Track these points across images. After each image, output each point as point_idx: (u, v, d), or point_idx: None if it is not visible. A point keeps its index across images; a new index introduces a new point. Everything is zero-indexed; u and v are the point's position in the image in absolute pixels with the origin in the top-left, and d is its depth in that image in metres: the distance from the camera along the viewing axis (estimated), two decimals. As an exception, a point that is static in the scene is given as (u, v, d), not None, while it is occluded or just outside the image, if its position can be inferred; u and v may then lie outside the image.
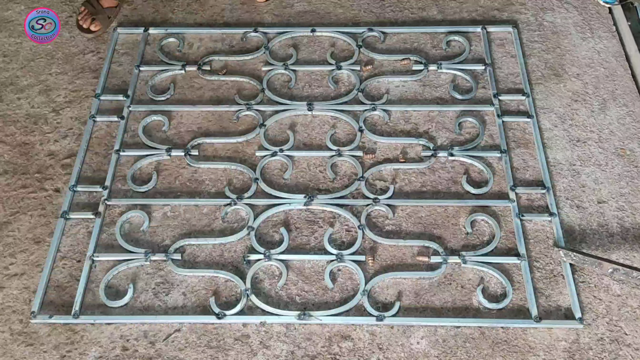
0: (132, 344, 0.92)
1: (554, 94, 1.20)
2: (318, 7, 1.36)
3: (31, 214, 1.06)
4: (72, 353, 0.92)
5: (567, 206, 1.05)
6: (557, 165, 1.10)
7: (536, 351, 0.90)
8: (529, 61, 1.25)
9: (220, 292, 0.97)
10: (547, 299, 0.95)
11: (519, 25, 1.31)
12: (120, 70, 1.25)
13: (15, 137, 1.16)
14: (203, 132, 1.15)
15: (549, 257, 1.00)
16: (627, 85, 1.21)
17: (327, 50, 1.27)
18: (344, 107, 1.17)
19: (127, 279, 0.99)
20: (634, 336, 0.92)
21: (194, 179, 1.10)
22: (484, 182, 1.08)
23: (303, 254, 1.00)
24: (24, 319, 0.95)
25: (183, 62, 1.25)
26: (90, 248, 1.01)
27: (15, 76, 1.25)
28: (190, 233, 1.03)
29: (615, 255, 0.99)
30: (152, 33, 1.31)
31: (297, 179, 1.09)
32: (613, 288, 0.96)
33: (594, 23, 1.32)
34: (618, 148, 1.12)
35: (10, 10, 1.38)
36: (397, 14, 1.34)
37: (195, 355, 0.91)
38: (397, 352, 0.91)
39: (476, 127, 1.15)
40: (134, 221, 1.05)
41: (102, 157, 1.13)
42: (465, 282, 0.97)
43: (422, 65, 1.23)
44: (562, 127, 1.15)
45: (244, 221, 1.04)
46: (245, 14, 1.35)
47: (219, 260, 1.00)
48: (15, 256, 1.02)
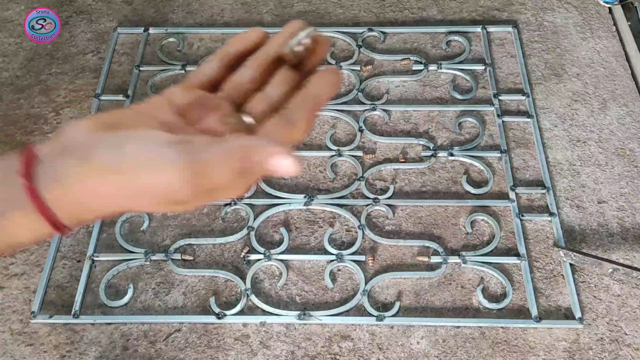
0: (132, 343, 0.92)
1: (554, 94, 1.20)
2: (318, 7, 1.36)
3: (31, 214, 1.06)
4: (72, 353, 0.92)
5: (567, 206, 1.05)
6: (557, 165, 1.10)
7: (536, 351, 0.90)
8: (529, 61, 1.25)
9: (220, 292, 0.97)
10: (547, 299, 0.95)
11: (519, 25, 1.31)
12: (120, 70, 1.25)
13: (15, 137, 1.16)
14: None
15: (549, 257, 1.00)
16: (627, 85, 1.21)
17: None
18: (344, 107, 1.17)
19: (127, 279, 0.99)
20: (634, 336, 0.92)
21: (194, 179, 1.10)
22: (484, 182, 1.08)
23: (303, 254, 1.00)
24: (24, 319, 0.95)
25: (183, 62, 1.25)
26: (90, 248, 1.01)
27: (15, 76, 1.25)
28: (190, 233, 1.03)
29: (615, 255, 0.99)
30: (152, 33, 1.31)
31: (297, 178, 1.09)
32: (613, 288, 0.96)
33: (594, 23, 1.32)
34: (618, 148, 1.12)
35: (10, 10, 1.38)
36: (397, 14, 1.34)
37: (195, 355, 0.91)
38: (397, 352, 0.91)
39: (476, 127, 1.15)
40: (134, 221, 1.05)
41: (102, 157, 1.13)
42: (465, 282, 0.97)
43: (422, 65, 1.23)
44: (562, 127, 1.15)
45: (244, 221, 1.04)
46: (245, 14, 1.35)
47: (219, 260, 1.00)
48: (15, 256, 1.02)
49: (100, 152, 0.31)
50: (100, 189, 0.31)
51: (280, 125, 0.34)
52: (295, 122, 0.34)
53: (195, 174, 0.31)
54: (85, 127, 0.33)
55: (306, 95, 0.35)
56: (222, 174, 0.31)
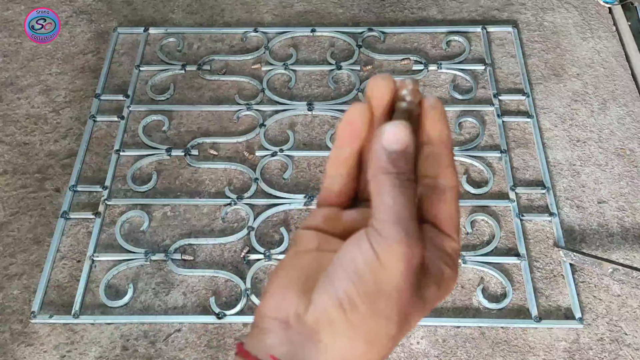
0: (132, 343, 0.92)
1: (554, 94, 1.20)
2: (318, 7, 1.36)
3: (31, 214, 1.06)
4: (72, 353, 0.92)
5: (567, 206, 1.05)
6: (557, 165, 1.10)
7: (536, 351, 0.90)
8: (529, 61, 1.25)
9: (220, 292, 0.97)
10: (547, 299, 0.95)
11: (519, 25, 1.31)
12: (120, 70, 1.25)
13: (15, 137, 1.16)
14: (203, 132, 1.15)
15: (549, 257, 1.00)
16: (627, 85, 1.21)
17: (327, 50, 1.27)
18: (344, 107, 1.17)
19: (127, 279, 0.99)
20: (634, 336, 0.92)
21: (194, 179, 1.10)
22: (484, 182, 1.08)
23: (303, 254, 1.00)
24: (24, 319, 0.95)
25: (183, 62, 1.25)
26: (90, 248, 1.01)
27: (15, 76, 1.25)
28: (190, 233, 1.03)
29: (615, 255, 0.99)
30: (152, 33, 1.31)
31: (297, 178, 1.09)
32: (613, 288, 0.96)
33: (594, 23, 1.32)
34: (618, 148, 1.12)
35: (10, 10, 1.38)
36: (397, 14, 1.34)
37: (195, 355, 0.91)
38: (397, 352, 0.91)
39: (476, 127, 1.15)
40: (134, 221, 1.05)
41: (102, 157, 1.13)
42: (465, 282, 0.97)
43: (422, 65, 1.23)
44: (562, 127, 1.15)
45: (244, 221, 1.04)
46: (245, 14, 1.35)
47: (219, 260, 1.00)
48: (15, 256, 1.02)
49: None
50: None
51: (434, 199, 0.31)
52: (441, 185, 0.30)
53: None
54: (295, 316, 0.29)
55: (436, 155, 0.31)
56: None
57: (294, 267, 0.31)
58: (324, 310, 0.28)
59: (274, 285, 0.30)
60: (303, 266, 0.31)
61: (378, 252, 0.27)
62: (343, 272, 0.28)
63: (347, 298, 0.27)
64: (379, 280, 0.27)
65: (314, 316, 0.28)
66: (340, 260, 0.28)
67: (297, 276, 0.30)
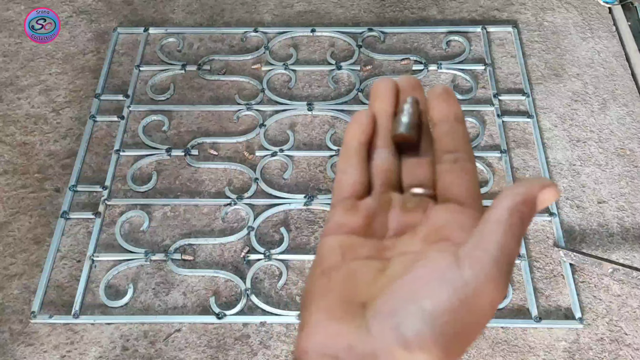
0: (132, 343, 0.92)
1: (554, 94, 1.20)
2: (318, 7, 1.36)
3: (31, 214, 1.06)
4: (72, 353, 0.92)
5: (567, 206, 1.05)
6: (557, 165, 1.10)
7: (536, 351, 0.90)
8: (529, 61, 1.25)
9: (220, 292, 0.97)
10: (547, 299, 0.95)
11: (519, 25, 1.31)
12: (120, 70, 1.25)
13: (15, 137, 1.16)
14: (203, 132, 1.15)
15: (549, 257, 1.00)
16: (627, 85, 1.21)
17: (327, 50, 1.27)
18: (344, 107, 1.17)
19: (127, 279, 0.99)
20: (634, 336, 0.92)
21: (194, 179, 1.10)
22: (484, 182, 1.08)
23: (303, 254, 1.00)
24: (24, 319, 0.95)
25: (183, 62, 1.25)
26: (90, 248, 1.01)
27: (15, 76, 1.25)
28: (190, 233, 1.03)
29: (615, 255, 0.99)
30: (152, 33, 1.31)
31: (297, 178, 1.09)
32: (613, 288, 0.96)
33: (594, 23, 1.32)
34: (618, 148, 1.12)
35: (10, 10, 1.38)
36: (397, 14, 1.34)
37: (195, 355, 0.91)
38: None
39: (476, 127, 1.15)
40: (134, 221, 1.05)
41: (102, 157, 1.13)
42: (465, 282, 0.97)
43: (422, 65, 1.23)
44: (562, 127, 1.15)
45: (244, 221, 1.04)
46: (245, 14, 1.35)
47: (219, 260, 1.00)
48: (15, 256, 1.02)
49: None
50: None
51: (457, 171, 0.30)
52: (462, 158, 0.30)
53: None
54: (346, 350, 0.27)
55: (450, 128, 0.31)
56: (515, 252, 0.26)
57: (329, 291, 0.29)
58: (386, 349, 0.26)
59: (313, 316, 0.28)
60: (338, 288, 0.29)
61: (473, 291, 0.25)
62: (417, 310, 0.25)
63: (418, 341, 0.25)
64: (466, 323, 0.25)
65: (371, 349, 0.26)
66: (409, 287, 0.26)
67: (335, 302, 0.28)
